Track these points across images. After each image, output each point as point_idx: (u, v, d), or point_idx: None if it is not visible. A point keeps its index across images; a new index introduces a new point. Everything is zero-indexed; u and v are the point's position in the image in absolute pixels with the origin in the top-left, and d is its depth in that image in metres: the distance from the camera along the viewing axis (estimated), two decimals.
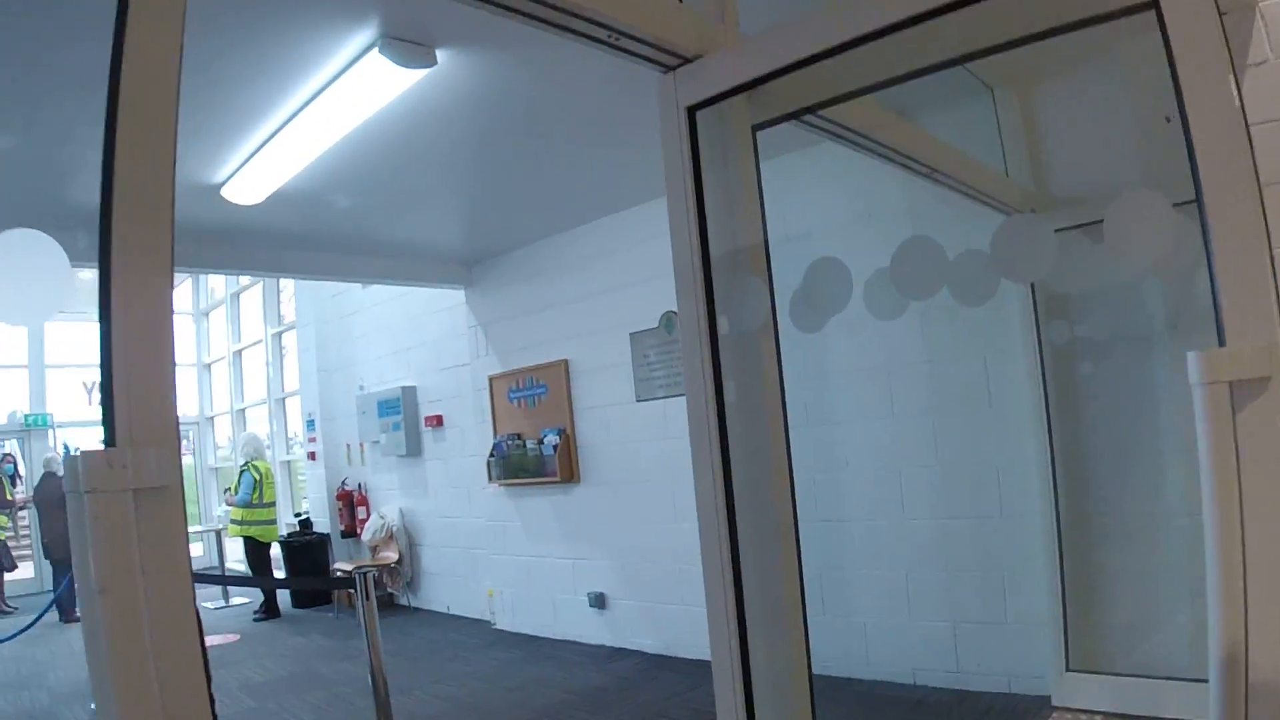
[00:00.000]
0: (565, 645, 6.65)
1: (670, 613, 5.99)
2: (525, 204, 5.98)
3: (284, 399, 11.38)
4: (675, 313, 6.12)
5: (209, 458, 13.82)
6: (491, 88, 3.92)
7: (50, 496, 10.02)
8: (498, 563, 7.45)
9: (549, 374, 6.81)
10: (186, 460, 14.57)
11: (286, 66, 3.51)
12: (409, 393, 8.51)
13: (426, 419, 8.36)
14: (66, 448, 12.79)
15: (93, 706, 6.08)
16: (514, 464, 6.99)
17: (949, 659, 4.64)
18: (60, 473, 10.18)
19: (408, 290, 8.50)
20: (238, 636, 7.95)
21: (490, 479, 7.21)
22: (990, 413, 4.47)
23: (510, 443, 7.05)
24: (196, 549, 13.49)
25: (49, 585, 11.81)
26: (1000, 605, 4.45)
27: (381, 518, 8.96)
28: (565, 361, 6.68)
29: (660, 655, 6.05)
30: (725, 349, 2.15)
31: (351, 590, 9.09)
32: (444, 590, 8.47)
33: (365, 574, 3.35)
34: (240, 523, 9.06)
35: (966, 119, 4.18)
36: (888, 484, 4.83)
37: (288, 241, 6.34)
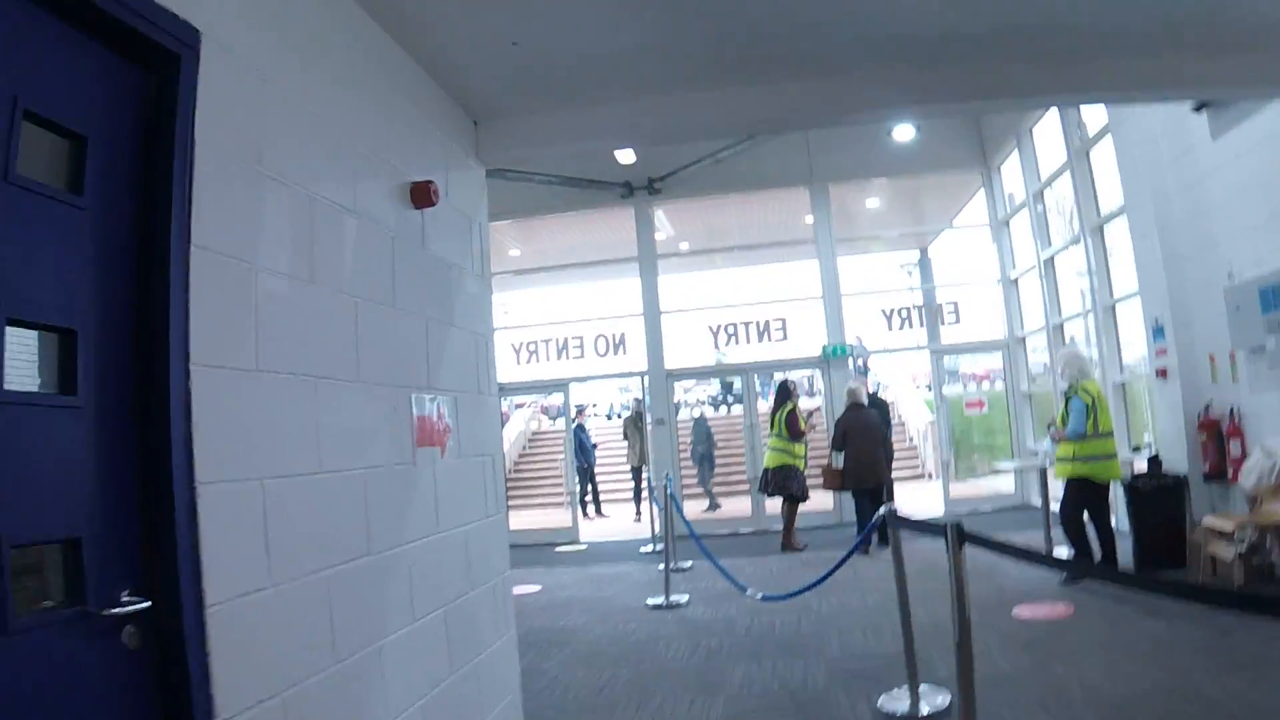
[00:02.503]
0: None
1: None
2: None
3: (1112, 305, 9.48)
4: None
5: (1021, 382, 12.54)
6: None
7: (854, 426, 9.93)
8: None
9: None
10: (998, 386, 13.63)
11: None
12: None
13: None
14: (860, 369, 12.90)
15: (880, 705, 4.79)
16: None
17: None
18: (865, 401, 10.08)
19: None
20: (1070, 609, 6.38)
21: None
22: None
23: None
24: (1005, 483, 12.44)
25: (848, 516, 11.90)
26: None
27: (1270, 456, 6.55)
28: None
29: None
30: None
31: (1218, 555, 6.99)
32: None
33: None
34: (1073, 459, 7.39)
35: None
36: None
37: (1083, 45, 4.44)
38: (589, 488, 16.11)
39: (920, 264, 17.15)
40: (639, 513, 14.87)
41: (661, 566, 8.42)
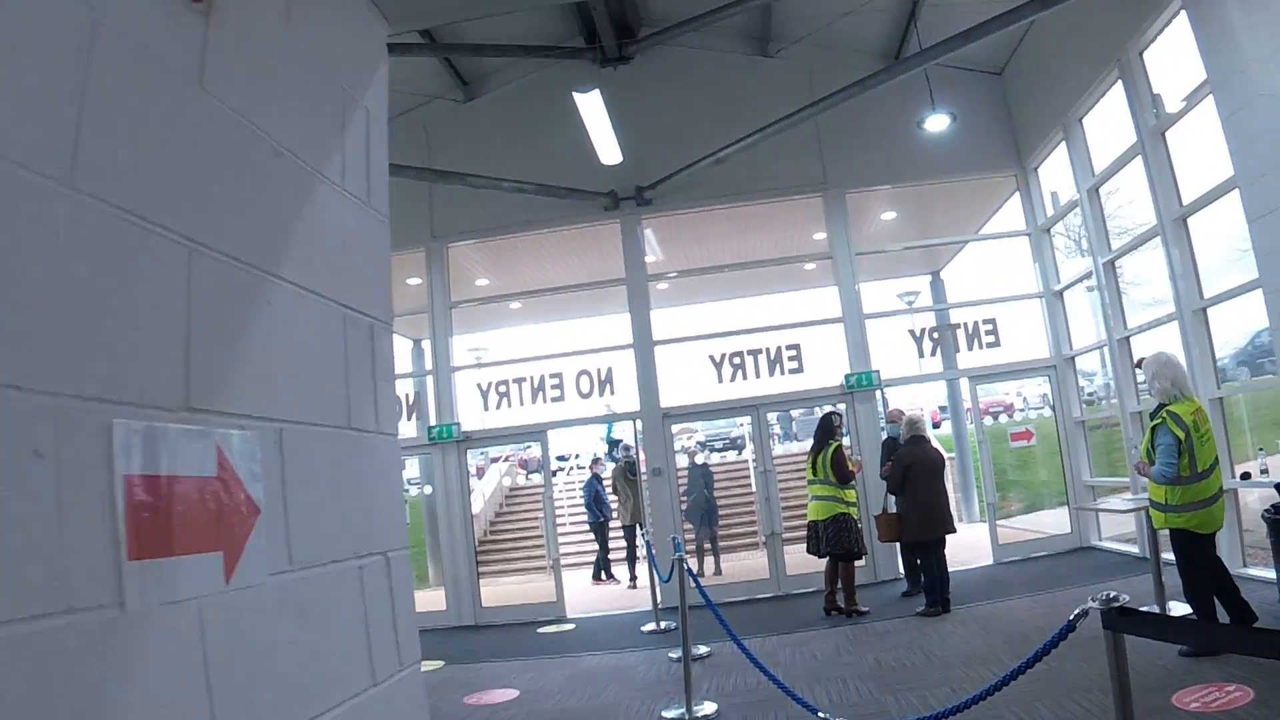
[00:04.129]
0: None
1: None
2: None
3: (1203, 309, 7.94)
4: None
5: (1072, 408, 10.94)
6: None
7: (920, 463, 8.54)
8: None
9: None
10: (1044, 413, 12.07)
11: None
12: None
13: None
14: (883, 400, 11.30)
15: None
16: None
17: None
18: (927, 434, 8.98)
19: None
20: (1248, 694, 4.62)
21: None
22: None
23: None
24: (1057, 522, 11.07)
25: (888, 573, 10.44)
26: None
27: None
28: None
29: None
30: None
31: None
32: None
33: None
34: (1166, 506, 5.72)
35: None
36: None
37: None
38: (604, 544, 14.21)
39: (932, 287, 15.67)
40: (634, 578, 13.04)
41: (673, 655, 6.63)
